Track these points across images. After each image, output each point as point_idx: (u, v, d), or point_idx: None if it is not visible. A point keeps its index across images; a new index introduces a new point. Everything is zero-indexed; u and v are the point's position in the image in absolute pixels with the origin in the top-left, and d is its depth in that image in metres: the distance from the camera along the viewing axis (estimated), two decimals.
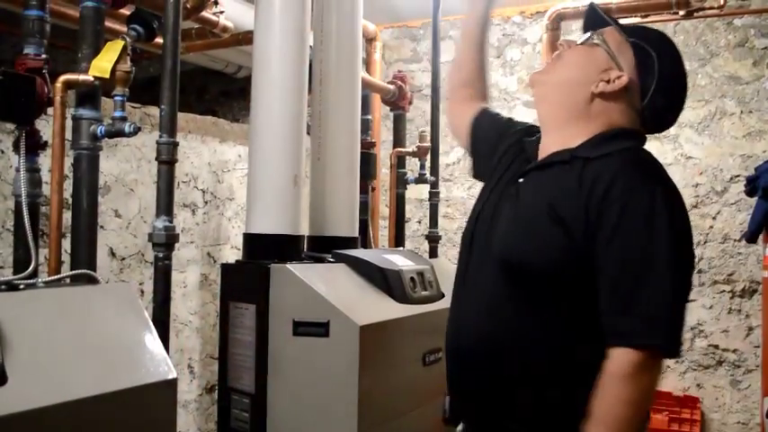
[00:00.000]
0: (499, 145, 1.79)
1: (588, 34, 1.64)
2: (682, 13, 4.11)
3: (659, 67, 1.52)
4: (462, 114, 1.94)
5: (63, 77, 2.01)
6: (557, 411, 1.45)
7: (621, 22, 4.37)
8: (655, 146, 4.71)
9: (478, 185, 5.57)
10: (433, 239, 3.76)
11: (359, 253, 2.58)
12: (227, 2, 3.49)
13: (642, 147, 1.55)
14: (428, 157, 3.75)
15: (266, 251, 2.40)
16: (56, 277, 1.89)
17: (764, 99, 4.56)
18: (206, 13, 3.19)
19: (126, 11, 2.53)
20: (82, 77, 2.04)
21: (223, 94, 5.99)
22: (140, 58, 4.22)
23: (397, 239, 3.74)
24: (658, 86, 1.52)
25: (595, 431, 1.35)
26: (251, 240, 2.48)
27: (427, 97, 4.06)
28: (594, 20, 1.68)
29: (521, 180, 1.61)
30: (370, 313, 2.26)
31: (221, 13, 3.27)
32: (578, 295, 1.43)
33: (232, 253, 4.00)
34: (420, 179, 3.75)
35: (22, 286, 1.64)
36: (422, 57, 5.53)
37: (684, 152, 4.69)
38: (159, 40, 2.25)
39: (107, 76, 2.02)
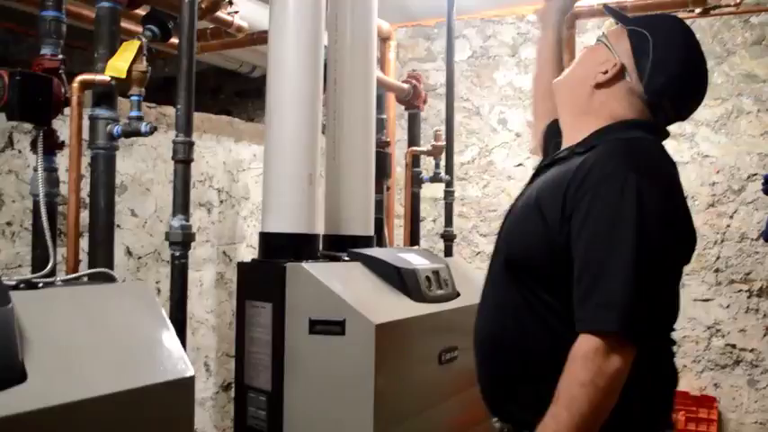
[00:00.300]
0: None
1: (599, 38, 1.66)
2: (698, 10, 4.08)
3: (653, 47, 1.51)
4: (538, 128, 2.03)
5: (80, 78, 2.02)
6: None
7: None
8: (671, 144, 4.68)
9: (493, 184, 5.57)
10: (448, 238, 3.76)
11: (374, 252, 2.58)
12: (242, 1, 3.50)
13: (646, 137, 1.53)
14: (443, 155, 3.75)
15: (282, 250, 2.41)
16: (74, 276, 1.90)
17: None
18: (221, 14, 3.21)
19: (141, 11, 2.54)
20: (98, 78, 2.05)
21: (238, 93, 6.01)
22: (156, 57, 4.24)
23: (413, 238, 3.74)
24: (654, 65, 1.51)
25: (554, 409, 1.38)
26: (267, 239, 2.48)
27: (442, 96, 4.07)
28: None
29: (534, 179, 1.65)
30: (386, 312, 2.26)
31: (236, 12, 3.28)
32: (570, 291, 1.45)
33: (248, 252, 4.01)
34: (435, 178, 3.75)
35: (40, 285, 1.65)
36: (436, 56, 5.52)
37: (701, 151, 4.66)
38: (175, 40, 2.26)
39: (123, 75, 2.03)
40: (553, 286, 1.49)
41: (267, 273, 2.32)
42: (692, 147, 4.66)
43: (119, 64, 2.05)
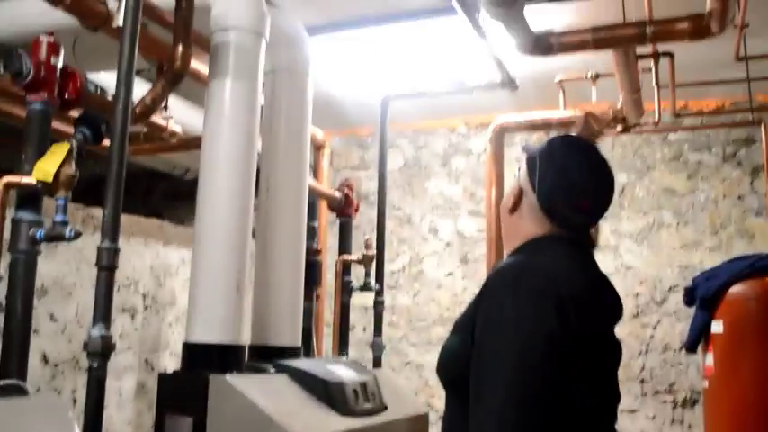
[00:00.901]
0: None
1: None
2: (619, 128, 4.29)
3: (538, 164, 1.64)
4: None
5: (5, 179, 1.98)
6: None
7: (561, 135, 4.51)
8: (596, 257, 4.80)
9: (424, 293, 5.58)
10: (377, 348, 3.72)
11: (302, 363, 2.53)
12: (177, 105, 3.51)
13: (542, 258, 1.57)
14: (373, 264, 3.75)
15: (206, 361, 2.34)
16: None
17: (699, 211, 4.72)
18: (155, 118, 3.20)
19: (74, 112, 2.52)
20: (24, 180, 2.00)
21: (169, 196, 5.96)
22: (86, 157, 4.19)
23: (341, 347, 3.68)
24: (539, 178, 1.63)
25: None
26: (191, 350, 2.41)
27: (374, 204, 4.11)
28: None
29: None
30: (312, 427, 2.19)
31: (170, 118, 3.28)
32: None
33: (171, 360, 3.88)
34: (365, 287, 3.74)
35: None
36: (369, 164, 5.62)
37: (624, 262, 4.80)
38: (106, 141, 2.24)
39: (50, 180, 1.99)
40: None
41: (189, 385, 2.24)
42: (616, 258, 4.80)
43: (47, 167, 2.01)
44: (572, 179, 1.62)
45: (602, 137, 1.96)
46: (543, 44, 3.24)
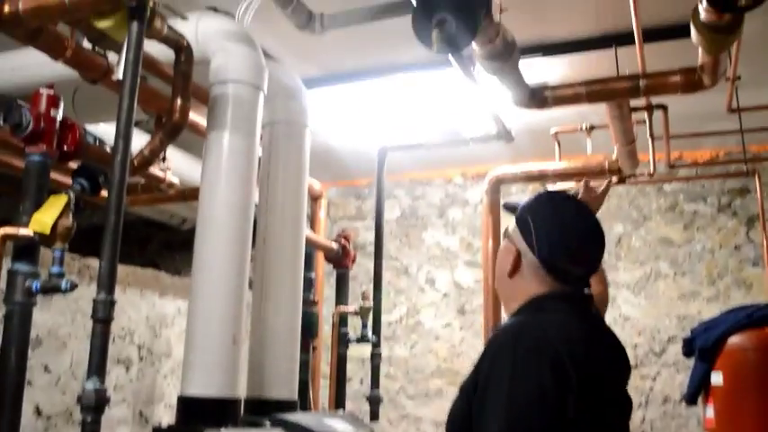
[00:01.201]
0: None
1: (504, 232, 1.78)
2: (614, 179, 4.31)
3: (532, 223, 1.66)
4: None
5: (2, 231, 1.98)
6: None
7: (557, 186, 4.55)
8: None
9: (421, 344, 5.55)
10: (375, 401, 3.67)
11: (298, 417, 2.50)
12: (175, 156, 3.53)
13: (543, 316, 1.61)
14: (370, 315, 3.74)
15: (202, 415, 2.31)
16: None
17: (696, 261, 4.72)
18: (153, 169, 3.22)
19: (72, 163, 2.53)
20: (21, 231, 2.01)
21: (166, 245, 5.96)
22: (83, 207, 4.20)
23: (338, 400, 3.65)
24: (537, 238, 1.65)
25: None
26: (186, 404, 2.38)
27: (371, 255, 4.10)
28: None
29: None
30: None
31: (168, 169, 3.30)
32: None
33: (166, 412, 3.83)
34: (362, 338, 3.72)
35: None
36: (366, 214, 5.63)
37: (622, 313, 4.78)
38: (104, 192, 2.25)
39: (47, 231, 2.00)
40: None
41: None
42: (614, 309, 4.78)
43: (44, 219, 2.02)
44: (570, 233, 1.67)
45: (604, 199, 2.00)
46: (538, 98, 3.28)
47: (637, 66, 3.15)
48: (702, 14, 2.43)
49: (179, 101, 2.51)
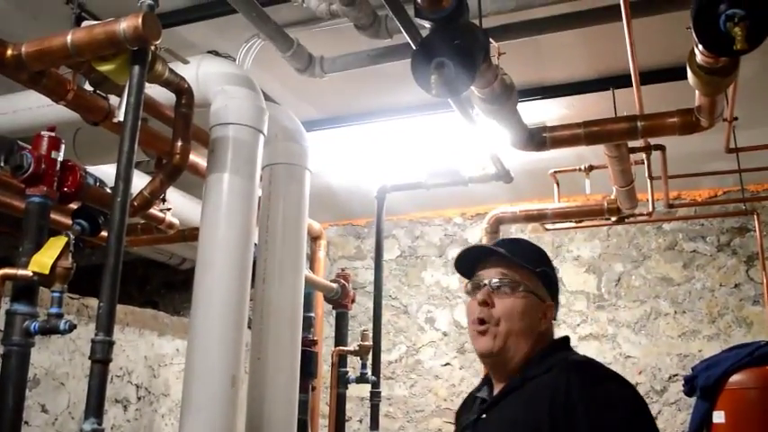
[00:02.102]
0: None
1: (503, 281, 1.67)
2: (613, 219, 4.33)
3: (552, 275, 1.73)
4: None
5: (1, 271, 1.98)
6: None
7: (556, 226, 4.54)
8: (594, 346, 4.78)
9: (420, 384, 5.50)
10: None
11: None
12: (175, 197, 3.54)
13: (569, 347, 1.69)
14: (369, 355, 3.72)
15: None
16: None
17: (696, 300, 4.71)
18: (153, 210, 3.23)
19: (72, 204, 2.54)
20: (20, 272, 2.01)
21: (165, 285, 5.95)
22: (83, 247, 4.20)
23: None
24: (555, 288, 1.73)
25: None
26: None
27: (370, 294, 4.10)
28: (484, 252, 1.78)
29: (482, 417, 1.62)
30: None
31: (168, 210, 3.31)
32: None
33: None
34: (361, 378, 3.70)
35: None
36: (366, 254, 5.63)
37: (623, 351, 4.76)
38: (104, 233, 2.25)
39: (47, 272, 2.00)
40: None
41: None
42: (614, 347, 4.76)
43: (43, 260, 2.02)
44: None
45: None
46: (537, 140, 3.29)
47: (634, 106, 3.17)
48: (699, 57, 2.46)
49: (179, 143, 2.52)
